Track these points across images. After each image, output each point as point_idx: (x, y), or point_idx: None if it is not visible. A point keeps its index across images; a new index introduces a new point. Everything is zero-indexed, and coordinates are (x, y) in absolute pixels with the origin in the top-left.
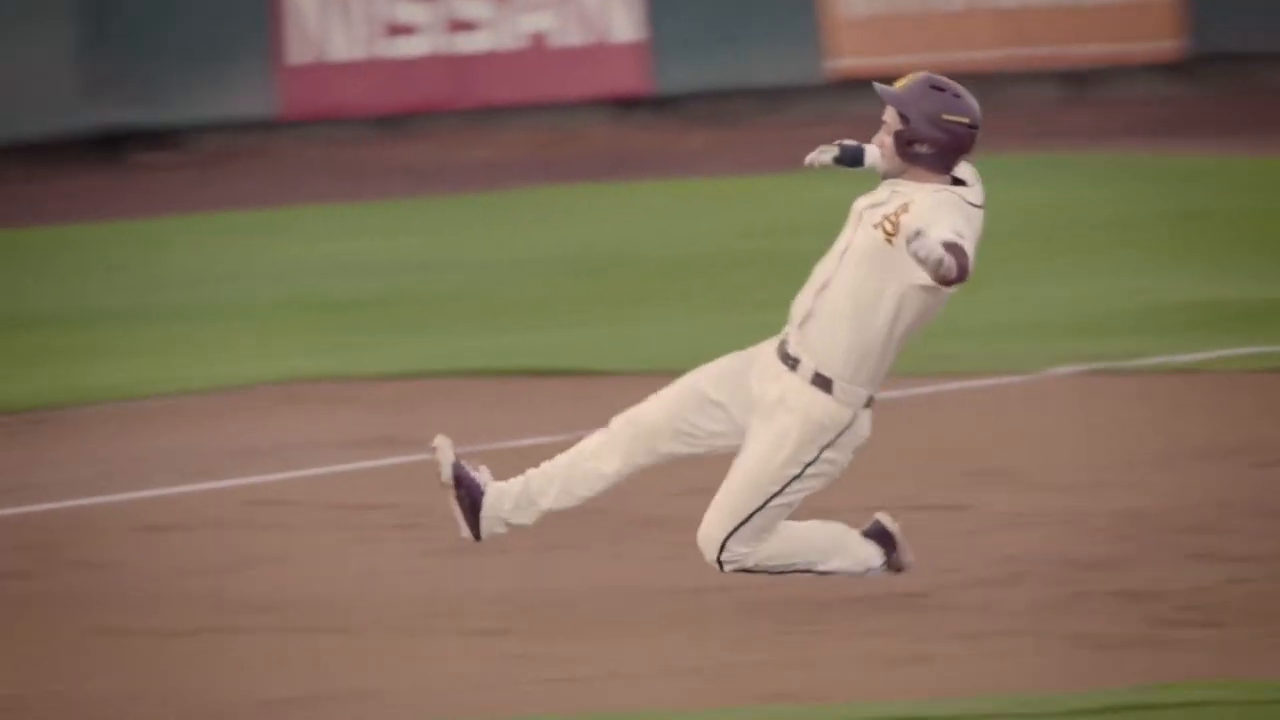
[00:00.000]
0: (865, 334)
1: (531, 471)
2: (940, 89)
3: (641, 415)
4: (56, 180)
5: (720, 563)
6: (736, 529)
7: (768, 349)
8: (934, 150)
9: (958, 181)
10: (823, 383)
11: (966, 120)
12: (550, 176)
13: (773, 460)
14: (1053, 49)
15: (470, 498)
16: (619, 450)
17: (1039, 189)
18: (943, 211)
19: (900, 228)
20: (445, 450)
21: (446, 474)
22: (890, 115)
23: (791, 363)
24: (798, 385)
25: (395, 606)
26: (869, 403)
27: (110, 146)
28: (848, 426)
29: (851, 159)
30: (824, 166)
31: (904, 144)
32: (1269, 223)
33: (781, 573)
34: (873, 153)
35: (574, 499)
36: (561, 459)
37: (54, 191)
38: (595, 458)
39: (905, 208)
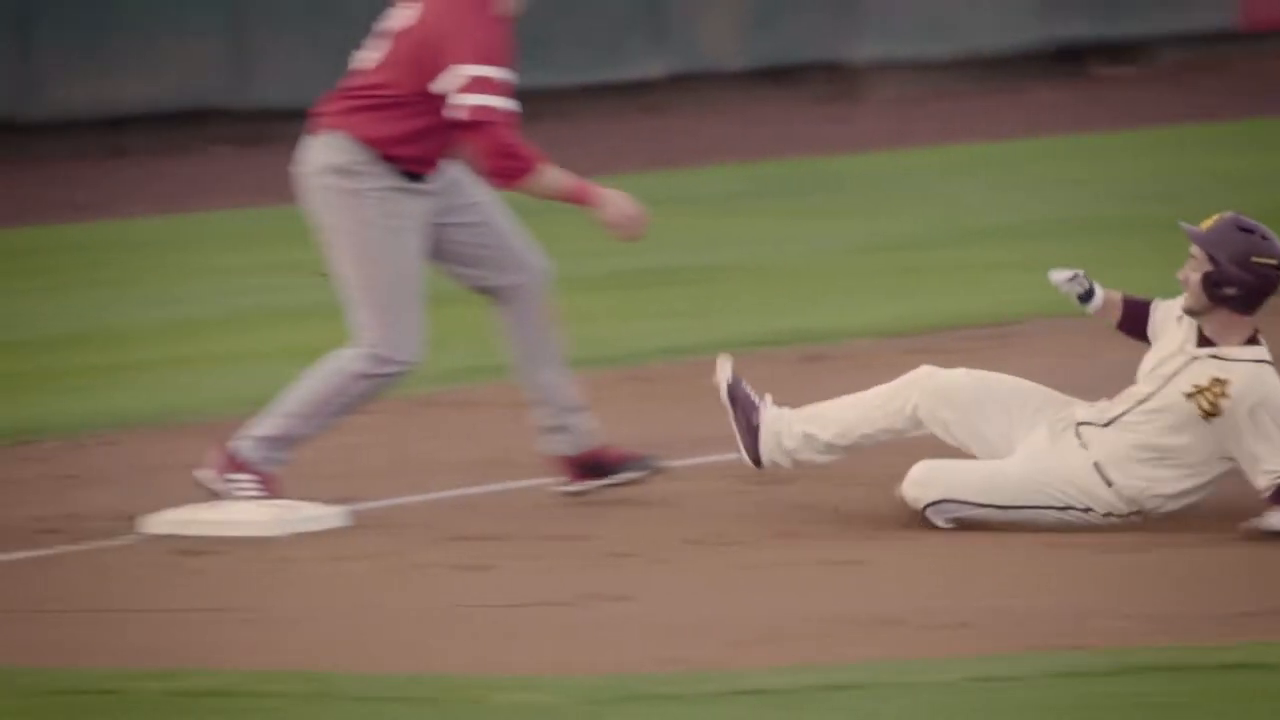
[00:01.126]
0: (1152, 468)
1: (819, 405)
2: (1249, 230)
3: (947, 379)
4: (1018, 94)
5: (925, 510)
6: (972, 503)
7: (1070, 410)
8: (1242, 292)
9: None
10: (1104, 475)
11: (1275, 262)
12: None
13: (1037, 491)
14: None
15: (746, 419)
16: (910, 402)
17: None
18: (1268, 409)
19: (1221, 412)
20: (724, 368)
21: (724, 393)
22: (1197, 253)
23: (1083, 442)
24: (1079, 465)
25: None
26: (1137, 514)
27: (1071, 59)
28: (1109, 514)
29: (1087, 297)
30: (1067, 291)
31: (1211, 285)
32: None
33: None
34: (1099, 298)
35: (852, 438)
36: (849, 398)
37: (1014, 106)
38: (885, 403)
39: (1224, 389)
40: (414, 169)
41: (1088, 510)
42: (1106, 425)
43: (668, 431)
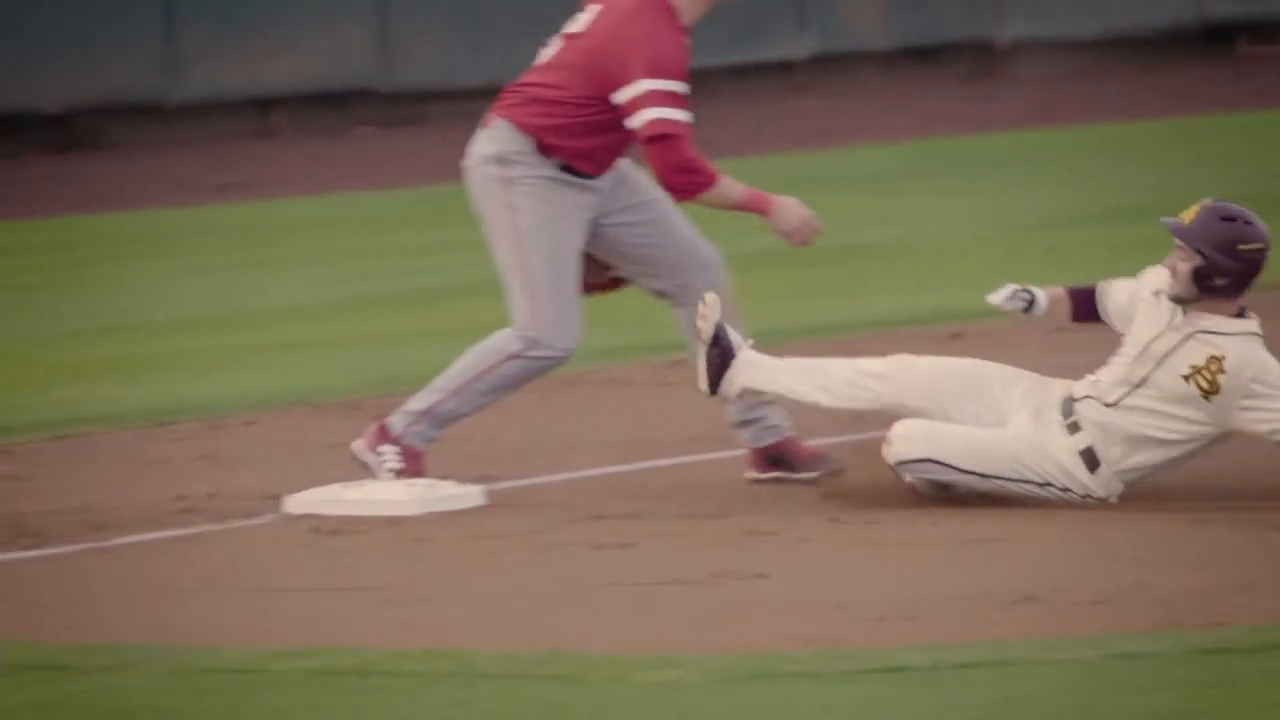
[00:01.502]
0: (1153, 450)
1: (802, 360)
2: (1231, 218)
3: (915, 375)
4: (1165, 72)
5: (902, 465)
6: (953, 467)
7: (1056, 391)
8: (1232, 280)
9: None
10: (1090, 461)
11: (1261, 245)
12: None
13: (1019, 464)
14: None
15: (722, 358)
16: (895, 379)
17: None
18: (1268, 379)
19: (1221, 389)
20: (714, 308)
21: (708, 331)
22: (1179, 243)
23: (1070, 426)
24: (1065, 447)
25: None
26: (1116, 496)
27: (1219, 38)
28: (1086, 495)
29: (1030, 308)
30: (1010, 309)
31: (1203, 279)
32: None
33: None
34: (1043, 301)
35: (825, 396)
36: (836, 360)
37: (1160, 85)
38: (870, 374)
39: (1220, 365)
40: (576, 165)
41: (1066, 490)
42: (1110, 406)
43: (812, 410)
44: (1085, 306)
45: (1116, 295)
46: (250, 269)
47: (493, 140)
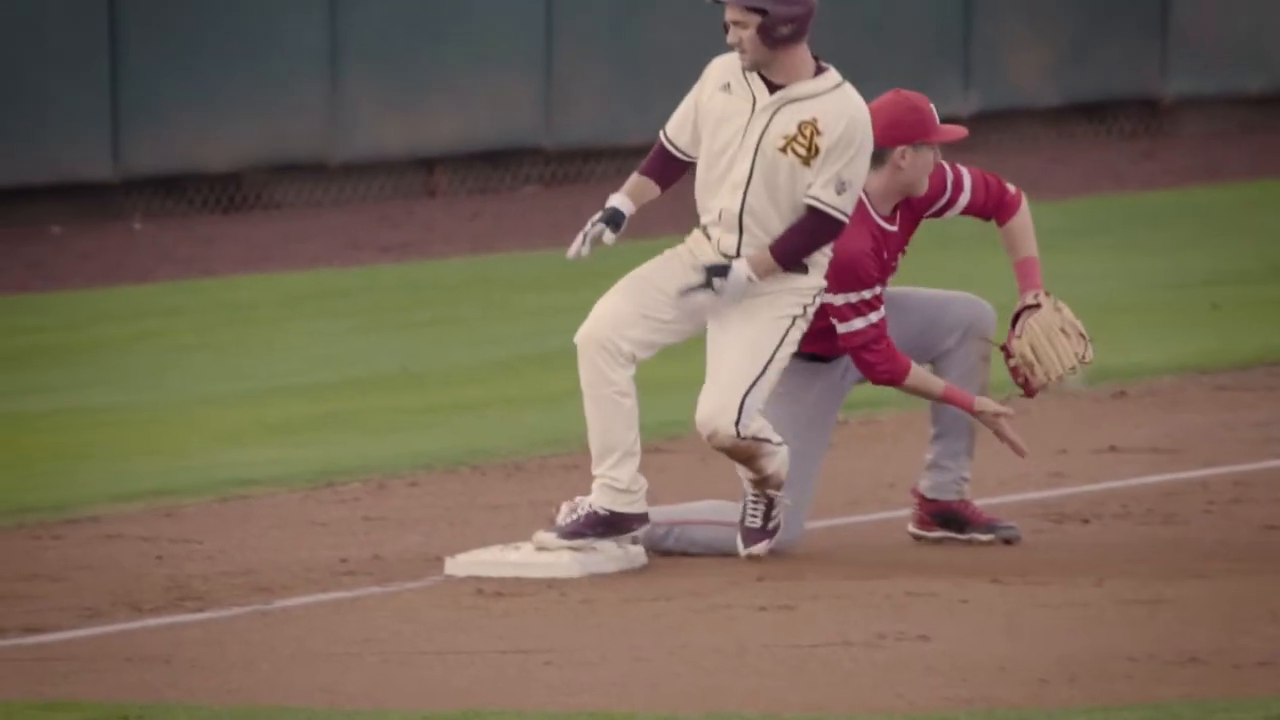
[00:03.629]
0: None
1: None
2: None
3: (599, 309)
4: None
5: (738, 428)
6: (745, 395)
7: (700, 243)
8: (797, 27)
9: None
10: (797, 266)
11: None
12: None
13: (764, 324)
14: None
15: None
16: (595, 352)
17: None
18: (850, 151)
19: (821, 150)
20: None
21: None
22: (737, 14)
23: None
24: (768, 280)
25: None
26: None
27: None
28: (821, 288)
29: (616, 221)
30: (599, 244)
31: (768, 34)
32: None
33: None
34: (628, 208)
35: (619, 433)
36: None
37: None
38: (594, 384)
39: (815, 126)
40: (813, 350)
41: (803, 311)
42: (740, 224)
43: (971, 470)
44: (666, 169)
45: (679, 125)
46: (414, 329)
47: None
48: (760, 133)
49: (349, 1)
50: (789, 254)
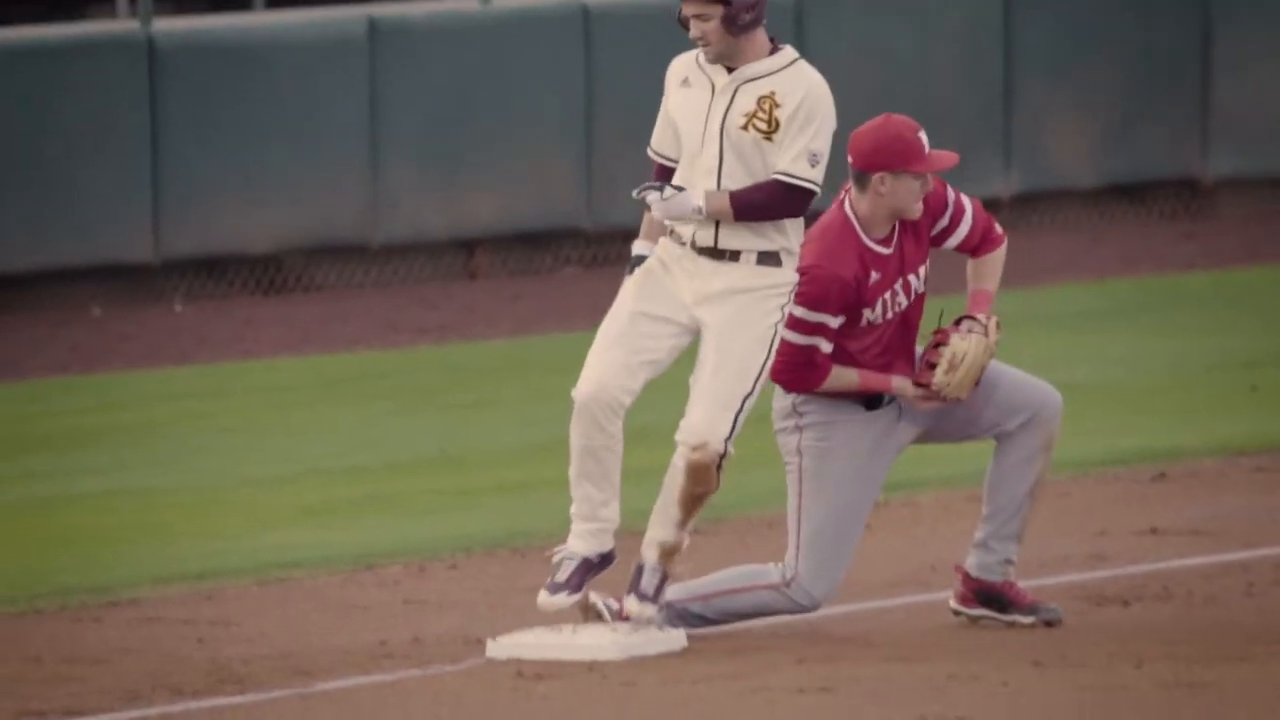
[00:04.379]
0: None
1: (573, 509)
2: None
3: (597, 368)
4: None
5: (728, 444)
6: (736, 416)
7: (675, 253)
8: (757, 11)
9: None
10: (770, 259)
11: None
12: None
13: (751, 335)
14: None
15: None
16: (602, 412)
17: None
18: (814, 121)
19: (781, 122)
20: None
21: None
22: (700, 7)
23: (729, 255)
24: (745, 272)
25: None
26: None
27: None
28: (794, 283)
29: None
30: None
31: (733, 23)
32: None
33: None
34: (650, 250)
35: (611, 478)
36: (572, 470)
37: None
38: (593, 438)
39: (774, 99)
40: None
41: (783, 314)
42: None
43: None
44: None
45: (660, 136)
46: (454, 411)
47: (777, 397)
48: (723, 114)
49: (389, 83)
50: (746, 206)
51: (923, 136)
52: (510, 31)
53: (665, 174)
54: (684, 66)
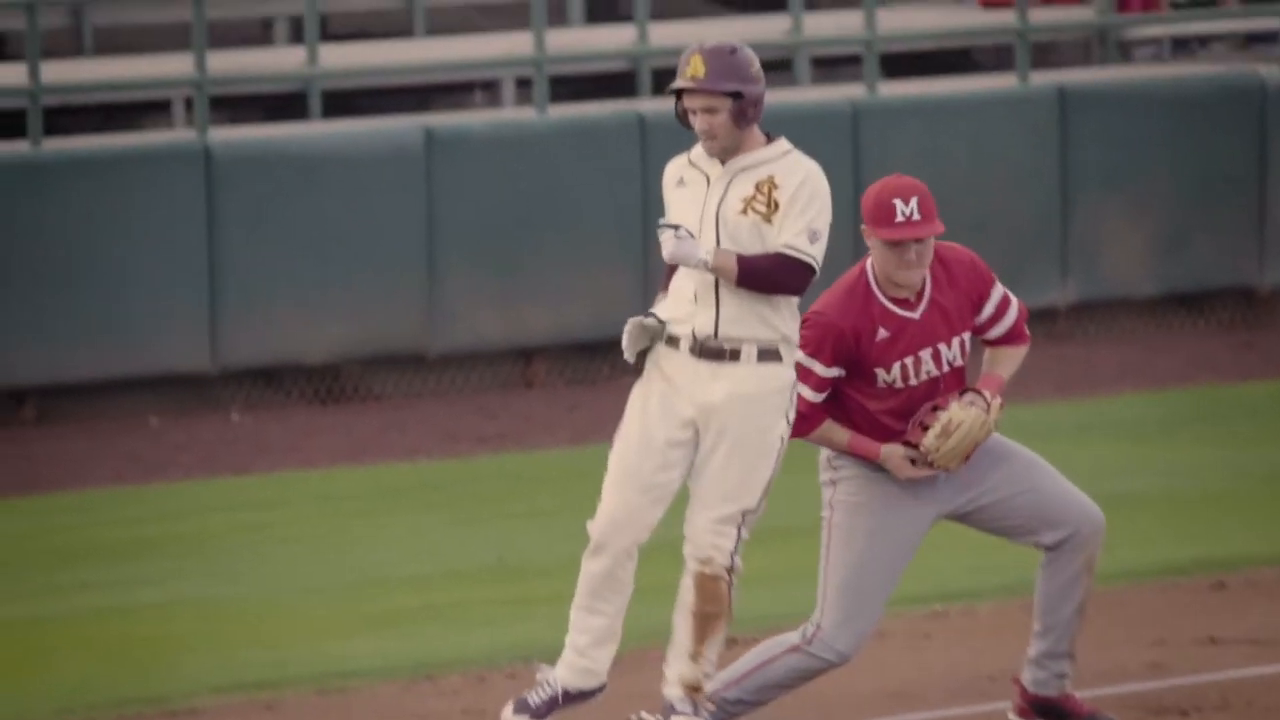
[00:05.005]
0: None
1: (570, 638)
2: (731, 49)
3: (616, 510)
4: None
5: (734, 558)
6: (740, 529)
7: (675, 362)
8: (760, 104)
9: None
10: (770, 355)
11: (757, 57)
12: None
13: (755, 445)
14: None
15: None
16: (621, 553)
17: None
18: (815, 202)
19: (780, 203)
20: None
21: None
22: (712, 100)
23: (729, 353)
24: (746, 374)
25: None
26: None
27: None
28: (794, 382)
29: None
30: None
31: (742, 116)
32: None
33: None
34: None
35: (616, 621)
36: (578, 600)
37: None
38: (607, 576)
39: (773, 182)
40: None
41: (788, 421)
42: (713, 312)
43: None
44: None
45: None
46: (512, 520)
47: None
48: (718, 202)
49: (446, 192)
50: (750, 270)
51: (899, 204)
52: (566, 140)
53: (673, 271)
54: (677, 169)
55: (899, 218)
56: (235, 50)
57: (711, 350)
